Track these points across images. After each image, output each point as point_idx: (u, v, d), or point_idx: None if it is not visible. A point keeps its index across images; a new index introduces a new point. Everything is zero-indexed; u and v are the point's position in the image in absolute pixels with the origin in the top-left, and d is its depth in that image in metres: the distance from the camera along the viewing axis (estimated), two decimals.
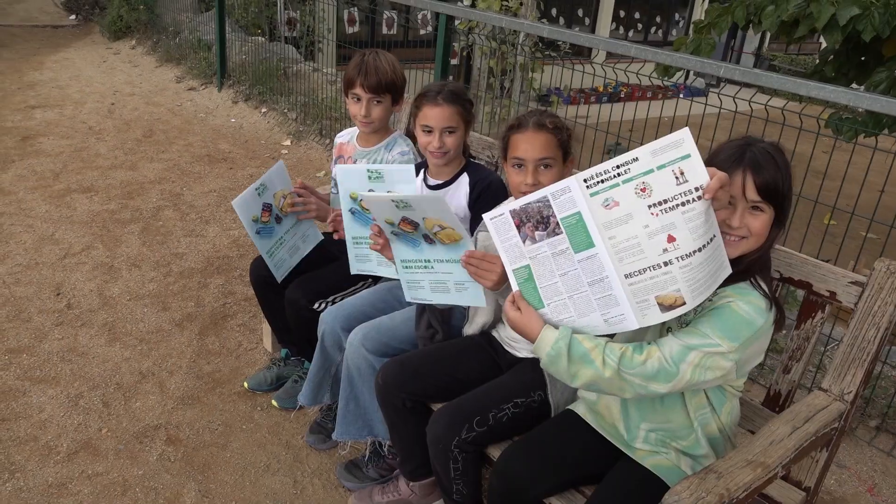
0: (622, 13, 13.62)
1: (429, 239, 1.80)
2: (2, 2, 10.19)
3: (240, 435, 2.54)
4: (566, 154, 1.84)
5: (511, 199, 2.04)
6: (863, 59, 4.96)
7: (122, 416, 2.59)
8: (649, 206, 1.40)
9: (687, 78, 10.99)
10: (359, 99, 2.38)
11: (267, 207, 2.36)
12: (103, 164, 4.97)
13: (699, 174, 1.37)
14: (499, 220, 1.55)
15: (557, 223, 1.47)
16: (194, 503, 2.24)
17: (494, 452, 1.82)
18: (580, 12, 13.01)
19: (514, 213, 1.52)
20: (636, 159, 1.39)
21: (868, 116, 4.25)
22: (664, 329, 1.59)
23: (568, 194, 1.45)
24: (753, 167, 1.49)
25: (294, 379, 2.71)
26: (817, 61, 5.48)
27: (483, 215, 1.56)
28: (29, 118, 5.85)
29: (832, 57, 5.16)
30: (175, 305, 3.31)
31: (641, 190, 1.40)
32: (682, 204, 1.38)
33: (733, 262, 1.53)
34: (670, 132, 1.39)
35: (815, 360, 2.97)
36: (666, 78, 4.35)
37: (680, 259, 1.40)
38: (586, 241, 1.46)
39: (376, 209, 1.82)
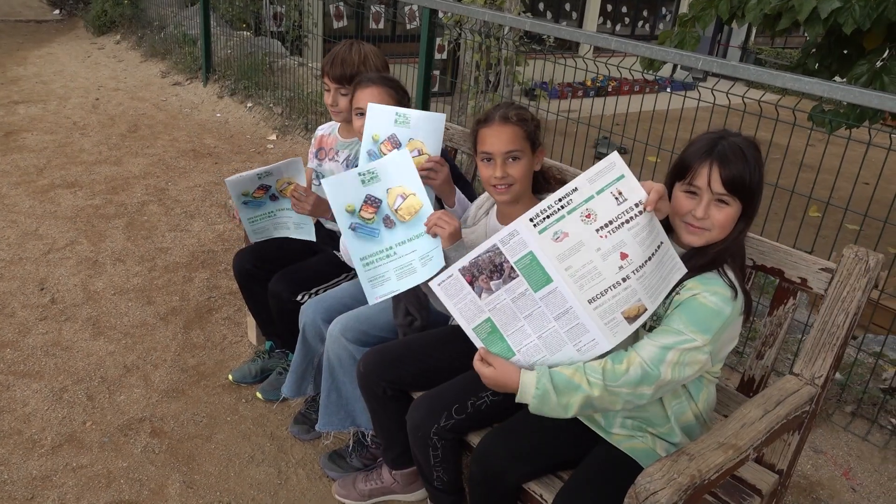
0: (609, 7, 13.68)
1: (388, 222, 1.86)
2: None
3: (224, 427, 2.56)
4: (535, 145, 1.86)
5: (483, 196, 2.06)
6: (845, 51, 5.01)
7: (107, 409, 2.60)
8: (597, 230, 1.47)
9: (674, 71, 11.04)
10: (328, 89, 2.41)
11: (264, 188, 2.37)
12: (87, 160, 4.95)
13: (636, 191, 1.47)
14: (448, 282, 1.54)
15: (512, 267, 1.50)
16: (179, 494, 2.26)
17: (474, 439, 1.85)
18: (567, 6, 13.04)
19: (463, 270, 1.52)
20: (576, 189, 1.47)
21: (850, 108, 4.30)
22: (642, 329, 1.61)
23: (517, 237, 1.49)
24: (720, 160, 1.50)
25: (278, 371, 2.72)
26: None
27: (429, 283, 1.55)
28: (12, 113, 5.81)
29: (814, 50, 5.21)
30: (160, 299, 3.32)
31: (586, 216, 1.47)
32: (627, 221, 1.47)
33: (699, 251, 1.57)
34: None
35: (792, 348, 3.02)
36: (650, 71, 4.39)
37: (635, 272, 1.48)
38: (544, 278, 1.50)
39: (337, 193, 1.85)
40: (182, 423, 2.55)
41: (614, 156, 1.47)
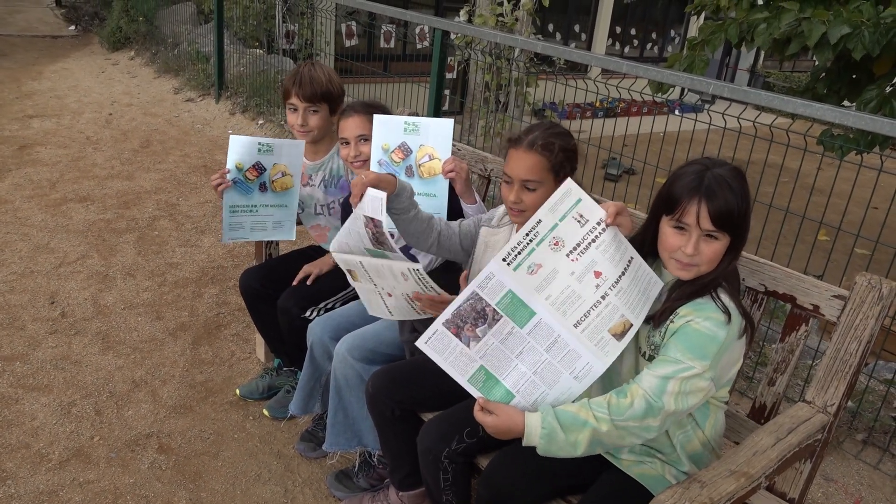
0: (618, 29, 13.76)
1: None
2: (1, 12, 10.25)
3: (231, 444, 2.55)
4: (559, 174, 1.80)
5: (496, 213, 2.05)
6: (854, 76, 5.02)
7: (115, 424, 2.60)
8: (567, 255, 1.52)
9: (682, 94, 11.07)
10: (295, 109, 2.44)
11: (259, 168, 2.36)
12: (100, 174, 5.00)
13: (595, 211, 1.54)
14: (434, 338, 1.50)
15: (494, 310, 1.50)
16: None
17: (483, 461, 1.84)
18: (577, 28, 13.14)
19: (447, 323, 1.50)
20: (539, 221, 1.51)
21: (859, 134, 4.30)
22: (643, 360, 1.61)
23: (493, 279, 1.50)
24: (708, 196, 1.48)
25: (286, 389, 2.72)
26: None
27: (416, 343, 1.51)
28: (26, 127, 5.88)
29: (824, 74, 5.22)
30: (169, 315, 3.33)
31: (555, 244, 1.51)
32: (593, 241, 1.53)
33: (690, 280, 1.56)
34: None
35: (802, 374, 3.00)
36: (659, 94, 4.40)
37: (612, 288, 1.52)
38: (527, 313, 1.52)
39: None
40: (189, 440, 2.55)
41: (569, 182, 1.54)
